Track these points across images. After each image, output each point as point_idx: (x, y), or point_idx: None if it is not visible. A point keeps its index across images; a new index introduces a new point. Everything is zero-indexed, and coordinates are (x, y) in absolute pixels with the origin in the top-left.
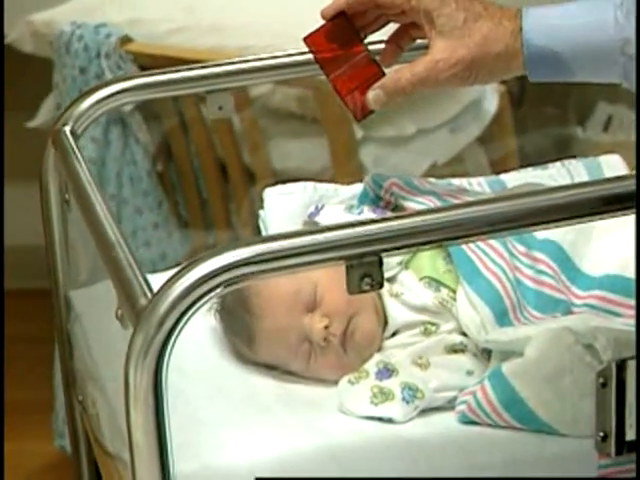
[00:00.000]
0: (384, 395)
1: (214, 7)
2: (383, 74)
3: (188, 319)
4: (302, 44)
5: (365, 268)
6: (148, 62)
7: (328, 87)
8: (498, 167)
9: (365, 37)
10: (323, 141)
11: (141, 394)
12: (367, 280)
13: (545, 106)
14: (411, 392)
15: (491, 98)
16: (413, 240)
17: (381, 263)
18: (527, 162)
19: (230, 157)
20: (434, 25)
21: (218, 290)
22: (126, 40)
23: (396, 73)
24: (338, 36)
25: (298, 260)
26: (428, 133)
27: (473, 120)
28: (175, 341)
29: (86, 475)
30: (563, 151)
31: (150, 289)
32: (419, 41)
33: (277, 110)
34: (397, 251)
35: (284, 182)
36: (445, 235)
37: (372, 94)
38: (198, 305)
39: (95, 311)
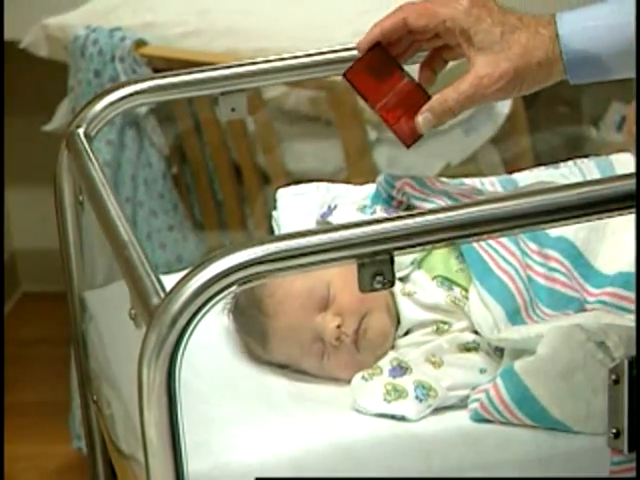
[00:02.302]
0: (397, 392)
1: (228, 10)
2: (429, 98)
3: (201, 318)
4: (317, 45)
5: (377, 266)
6: (162, 65)
7: (341, 88)
8: (512, 167)
9: (403, 65)
10: (337, 143)
11: (154, 393)
12: (379, 278)
13: (558, 106)
14: (424, 390)
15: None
16: (424, 238)
17: (392, 261)
18: (541, 162)
19: (244, 159)
20: (472, 43)
21: (230, 289)
22: (140, 43)
23: (442, 95)
24: (377, 67)
25: (310, 259)
26: (442, 134)
27: (487, 121)
28: (188, 340)
29: (102, 475)
30: (577, 151)
31: (163, 288)
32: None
33: (291, 112)
34: (408, 249)
35: (298, 183)
36: (456, 233)
37: (421, 118)
38: (211, 304)
39: (110, 311)
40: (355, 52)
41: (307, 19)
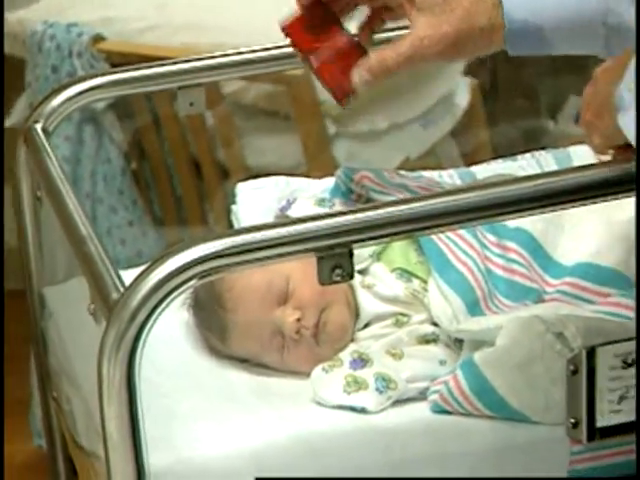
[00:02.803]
0: (358, 384)
1: (186, 4)
2: (366, 54)
3: (160, 312)
4: (275, 40)
5: (336, 259)
6: (120, 60)
7: (300, 83)
8: (471, 160)
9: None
10: (296, 137)
11: (114, 387)
12: (338, 271)
13: (516, 99)
14: (384, 382)
15: (463, 92)
16: (383, 231)
17: (351, 254)
18: (499, 155)
19: (203, 154)
20: (414, 3)
21: (190, 283)
22: (98, 39)
23: (380, 53)
24: (316, 21)
25: (269, 252)
26: (400, 128)
27: (445, 114)
28: (148, 334)
29: (62, 472)
30: (535, 143)
31: (122, 283)
32: None
33: (250, 107)
34: (367, 242)
35: (257, 177)
36: (415, 226)
37: (357, 74)
38: (170, 298)
39: (69, 307)
40: None
41: (265, 14)
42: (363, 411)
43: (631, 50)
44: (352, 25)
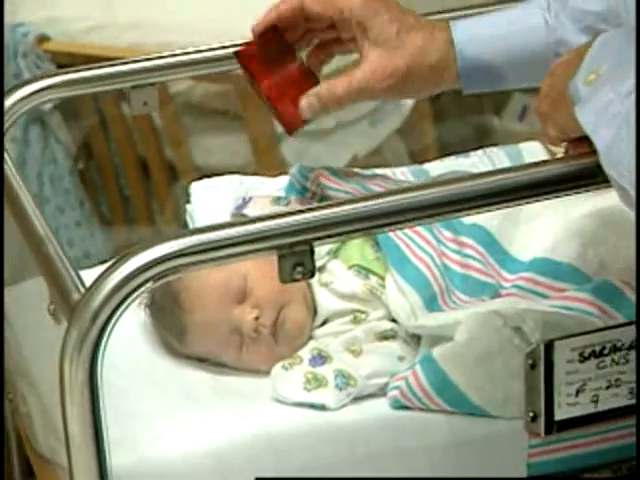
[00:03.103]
0: (317, 381)
1: (132, 4)
2: (318, 84)
3: (122, 312)
4: (222, 40)
5: (297, 257)
6: (66, 61)
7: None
8: (418, 157)
9: (297, 51)
10: (244, 136)
11: (77, 388)
12: (299, 269)
13: (462, 97)
14: (344, 379)
15: None
16: (344, 228)
17: (312, 252)
18: (446, 152)
19: (151, 154)
20: (367, 36)
21: (151, 283)
22: (44, 39)
23: (331, 83)
24: (270, 50)
25: (231, 251)
26: (348, 126)
27: (392, 112)
28: (110, 334)
29: (18, 474)
30: (481, 141)
31: (83, 283)
32: None
33: (198, 106)
34: (328, 239)
35: (206, 177)
36: (376, 222)
37: (306, 102)
38: (132, 298)
39: (24, 308)
40: None
41: (211, 12)
42: (323, 408)
43: (586, 44)
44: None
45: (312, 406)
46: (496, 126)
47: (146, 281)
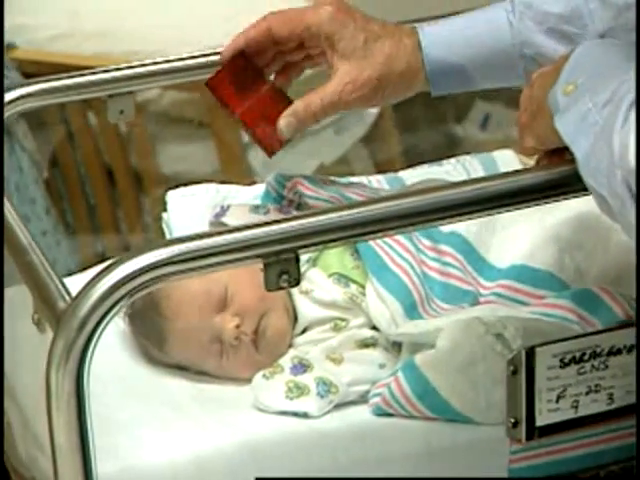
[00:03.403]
0: (299, 390)
1: (98, 12)
2: (290, 102)
3: (109, 321)
4: (190, 48)
5: (282, 265)
6: (32, 69)
7: None
8: (383, 166)
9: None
10: (211, 144)
11: (63, 398)
12: (284, 277)
13: (424, 105)
14: (326, 387)
15: None
16: (330, 236)
17: (298, 260)
18: (410, 160)
19: (117, 163)
20: (336, 49)
21: (139, 291)
22: (10, 47)
23: (305, 100)
24: (240, 75)
25: (218, 259)
26: (314, 134)
27: (356, 121)
28: (97, 343)
29: None
30: (445, 148)
31: (68, 292)
32: None
33: (163, 114)
34: (314, 247)
35: (182, 186)
36: (361, 230)
37: (284, 122)
38: (119, 307)
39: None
40: None
41: (177, 21)
42: (305, 416)
43: (564, 56)
44: None
45: (295, 414)
46: (459, 134)
47: (133, 289)
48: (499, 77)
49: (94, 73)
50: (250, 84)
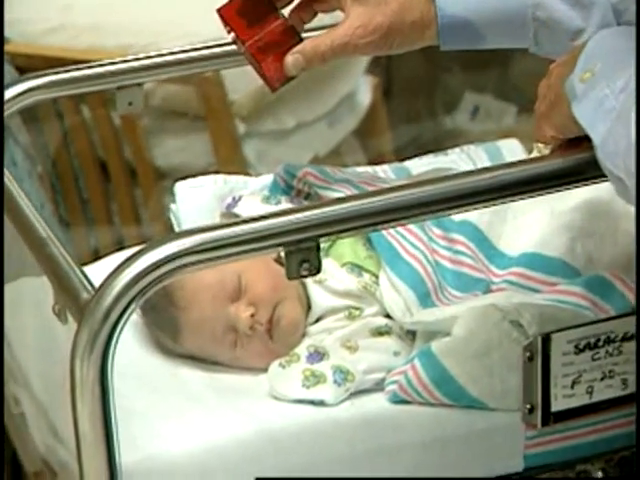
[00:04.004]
0: (316, 378)
1: (91, 5)
2: (301, 41)
3: (133, 311)
4: (181, 41)
5: (303, 254)
6: (25, 63)
7: (210, 83)
8: (375, 158)
9: (279, 9)
10: (205, 137)
11: (88, 387)
12: (305, 265)
13: (415, 97)
14: (342, 375)
15: (364, 90)
16: (351, 224)
17: (318, 248)
18: (403, 151)
19: (111, 156)
20: None
21: (162, 281)
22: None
23: (315, 40)
24: (252, 6)
25: (240, 248)
26: (307, 126)
27: (349, 113)
28: (120, 333)
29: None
30: (436, 139)
31: (90, 283)
32: None
33: (158, 107)
34: (334, 236)
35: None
36: (381, 218)
37: (291, 59)
38: (142, 297)
39: (16, 308)
40: None
41: (170, 15)
42: (322, 404)
43: (581, 45)
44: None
45: (311, 402)
46: (449, 125)
47: (157, 279)
48: (510, 37)
49: (101, 65)
50: (262, 16)
